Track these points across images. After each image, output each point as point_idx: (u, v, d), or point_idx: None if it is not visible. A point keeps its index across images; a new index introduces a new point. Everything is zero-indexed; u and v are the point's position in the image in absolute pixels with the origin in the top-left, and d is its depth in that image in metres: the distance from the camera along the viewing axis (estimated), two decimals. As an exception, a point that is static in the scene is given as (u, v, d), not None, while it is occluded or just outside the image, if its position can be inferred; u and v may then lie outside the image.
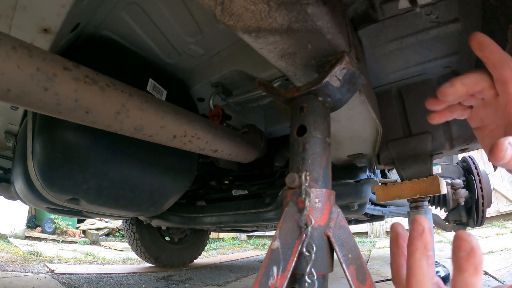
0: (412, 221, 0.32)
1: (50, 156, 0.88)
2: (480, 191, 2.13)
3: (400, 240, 0.35)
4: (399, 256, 0.35)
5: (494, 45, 0.38)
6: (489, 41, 0.39)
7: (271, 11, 0.40)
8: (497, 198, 5.17)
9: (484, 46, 0.39)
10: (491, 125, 0.43)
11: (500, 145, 0.32)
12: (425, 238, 0.30)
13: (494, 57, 0.38)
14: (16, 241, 4.37)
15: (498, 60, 0.38)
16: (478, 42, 0.39)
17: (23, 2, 0.61)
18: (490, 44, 0.38)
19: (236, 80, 1.06)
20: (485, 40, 0.39)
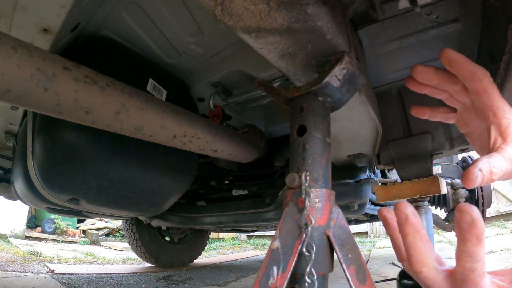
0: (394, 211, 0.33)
1: (50, 156, 0.88)
2: (480, 191, 2.13)
3: (391, 222, 0.37)
4: (397, 237, 0.37)
5: (462, 59, 0.40)
6: (457, 56, 0.40)
7: (271, 11, 0.40)
8: (497, 198, 5.17)
9: (453, 61, 0.40)
10: (477, 130, 0.45)
11: (470, 174, 0.34)
12: (411, 222, 0.32)
13: (464, 71, 0.40)
14: (16, 241, 4.37)
15: (468, 74, 0.40)
16: (447, 58, 0.41)
17: (23, 2, 0.61)
18: (458, 58, 0.40)
19: (236, 80, 1.06)
20: (453, 56, 0.40)
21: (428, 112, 0.52)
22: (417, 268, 0.32)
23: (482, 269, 0.30)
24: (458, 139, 0.90)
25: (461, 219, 0.29)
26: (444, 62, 0.41)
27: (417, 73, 0.44)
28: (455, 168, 2.31)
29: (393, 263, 2.83)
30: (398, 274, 1.27)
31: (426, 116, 0.53)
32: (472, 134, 0.47)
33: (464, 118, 0.47)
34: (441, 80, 0.44)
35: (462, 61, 0.40)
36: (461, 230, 0.29)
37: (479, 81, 0.39)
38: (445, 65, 0.41)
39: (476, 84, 0.40)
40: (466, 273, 0.30)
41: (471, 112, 0.45)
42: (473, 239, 0.29)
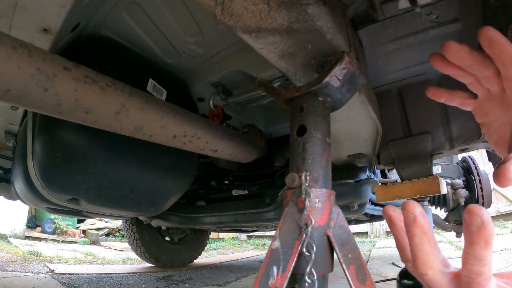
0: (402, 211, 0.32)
1: (50, 156, 0.88)
2: (480, 191, 2.13)
3: (396, 222, 0.35)
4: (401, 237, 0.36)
5: (505, 42, 0.35)
6: (500, 37, 0.35)
7: (271, 11, 0.40)
8: (497, 198, 5.17)
9: (494, 43, 0.35)
10: (497, 121, 0.41)
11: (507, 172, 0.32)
12: (419, 223, 0.31)
13: (504, 55, 0.35)
14: (16, 241, 4.37)
15: (508, 59, 0.35)
16: (488, 38, 0.36)
17: (23, 2, 0.61)
18: (500, 40, 0.35)
19: (236, 80, 1.06)
20: (496, 36, 0.35)
21: (445, 95, 0.47)
22: (423, 270, 0.31)
23: (489, 273, 0.29)
24: (458, 139, 0.90)
25: (470, 221, 0.28)
26: (483, 43, 0.36)
27: (449, 51, 0.38)
28: (455, 168, 2.31)
29: (393, 263, 2.83)
30: (398, 274, 1.27)
31: (443, 99, 0.47)
32: (490, 125, 0.43)
33: (485, 106, 0.43)
34: (474, 61, 0.38)
35: (505, 43, 0.35)
36: (469, 232, 0.28)
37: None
38: (484, 45, 0.36)
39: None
40: (473, 276, 0.29)
41: (496, 101, 0.40)
42: (481, 242, 0.28)
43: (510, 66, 0.35)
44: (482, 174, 2.16)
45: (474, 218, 0.27)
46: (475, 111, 0.46)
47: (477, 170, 2.18)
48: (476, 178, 2.14)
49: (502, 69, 0.37)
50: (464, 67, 0.40)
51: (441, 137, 0.91)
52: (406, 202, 0.32)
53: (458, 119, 0.88)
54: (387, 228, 6.25)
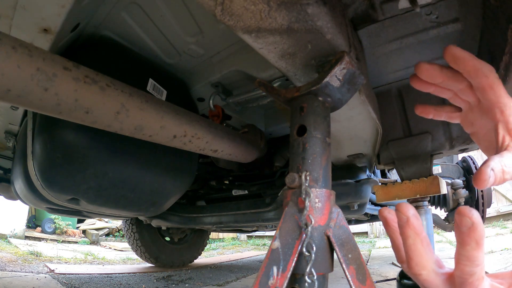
0: (395, 212, 0.33)
1: (50, 156, 0.88)
2: (480, 191, 2.13)
3: (391, 223, 0.36)
4: (397, 238, 0.37)
5: (467, 55, 0.39)
6: (461, 52, 0.39)
7: (271, 11, 0.40)
8: (497, 198, 5.17)
9: (457, 58, 0.39)
10: (483, 129, 0.44)
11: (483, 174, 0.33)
12: (412, 225, 0.31)
13: (469, 67, 0.39)
14: (16, 241, 4.37)
15: (473, 70, 0.39)
16: (451, 54, 0.40)
17: (23, 2, 0.61)
18: (463, 55, 0.39)
19: (236, 80, 1.06)
20: (458, 52, 0.39)
21: (432, 111, 0.51)
22: (416, 271, 0.32)
23: (481, 273, 0.30)
24: (458, 139, 0.90)
25: (460, 223, 0.28)
26: (448, 59, 0.40)
27: (421, 71, 0.43)
28: (455, 168, 2.31)
29: (393, 263, 2.83)
30: (398, 274, 1.27)
31: (431, 115, 0.51)
32: (477, 133, 0.46)
33: (469, 117, 0.46)
34: (446, 78, 0.43)
35: (467, 57, 0.39)
36: (460, 233, 0.29)
37: (484, 77, 0.38)
38: (450, 62, 0.40)
39: (482, 80, 0.38)
40: (465, 276, 0.30)
41: (477, 111, 0.43)
42: (472, 243, 0.29)
43: (476, 76, 0.39)
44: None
45: (464, 219, 0.28)
46: (462, 123, 0.49)
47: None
48: (476, 178, 2.14)
49: (471, 80, 0.40)
50: (438, 83, 0.44)
51: (441, 137, 0.91)
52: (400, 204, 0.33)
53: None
54: (387, 228, 6.25)
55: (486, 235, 4.00)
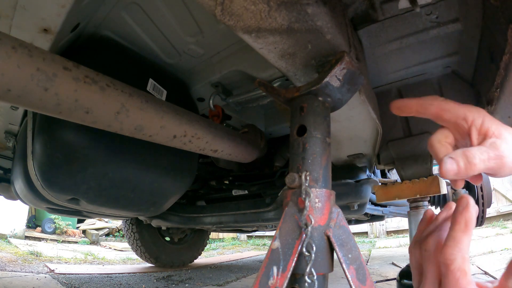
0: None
1: (50, 156, 0.88)
2: (480, 191, 2.13)
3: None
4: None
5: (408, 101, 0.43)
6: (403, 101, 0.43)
7: (271, 11, 0.40)
8: (497, 198, 5.17)
9: (402, 107, 0.43)
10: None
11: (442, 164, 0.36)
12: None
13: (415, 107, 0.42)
14: (16, 241, 4.37)
15: (419, 108, 0.42)
16: (396, 107, 0.44)
17: (23, 2, 0.61)
18: (405, 103, 0.43)
19: (236, 80, 1.06)
20: (400, 103, 0.43)
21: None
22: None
23: (463, 265, 0.31)
24: (458, 139, 0.90)
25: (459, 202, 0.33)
26: (396, 112, 0.44)
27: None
28: (455, 168, 2.30)
29: (393, 263, 2.83)
30: (398, 274, 1.27)
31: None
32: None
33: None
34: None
35: (408, 101, 0.43)
36: (455, 213, 0.33)
37: (431, 106, 0.41)
38: (398, 114, 0.44)
39: (431, 110, 0.41)
40: (447, 262, 0.31)
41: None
42: (462, 222, 0.32)
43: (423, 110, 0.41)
44: (482, 174, 2.16)
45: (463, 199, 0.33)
46: None
47: (477, 170, 2.17)
48: (476, 178, 2.14)
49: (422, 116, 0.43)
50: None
51: (441, 137, 0.91)
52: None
53: None
54: (387, 228, 6.25)
55: (486, 235, 4.00)
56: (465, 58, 0.78)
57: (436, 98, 0.41)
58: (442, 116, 0.40)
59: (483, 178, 1.58)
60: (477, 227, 2.25)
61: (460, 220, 0.32)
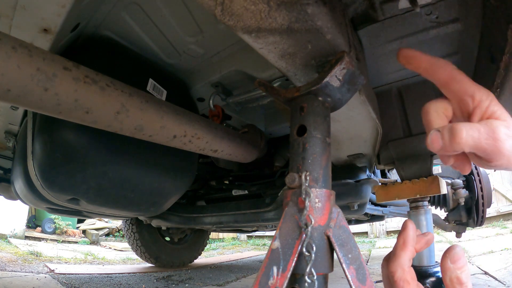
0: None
1: (50, 156, 0.88)
2: (480, 191, 2.13)
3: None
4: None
5: (420, 54, 0.38)
6: (413, 52, 0.39)
7: (271, 11, 0.40)
8: (497, 198, 5.17)
9: (410, 58, 0.39)
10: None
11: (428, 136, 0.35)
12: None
13: (424, 64, 0.38)
14: (16, 241, 4.37)
15: (429, 66, 0.38)
16: (404, 56, 0.40)
17: (23, 2, 0.61)
18: (415, 55, 0.39)
19: (236, 80, 1.06)
20: (410, 52, 0.39)
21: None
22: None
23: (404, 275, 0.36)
24: (458, 139, 0.90)
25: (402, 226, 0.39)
26: (402, 62, 0.40)
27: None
28: (455, 168, 2.30)
29: (393, 263, 2.83)
30: (398, 274, 1.27)
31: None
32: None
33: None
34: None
35: (419, 54, 0.38)
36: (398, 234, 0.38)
37: (442, 69, 0.37)
38: (404, 64, 0.40)
39: (441, 74, 0.37)
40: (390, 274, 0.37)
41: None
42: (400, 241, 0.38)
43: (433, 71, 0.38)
44: (482, 174, 2.16)
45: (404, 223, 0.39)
46: None
47: (477, 170, 2.17)
48: (476, 178, 2.14)
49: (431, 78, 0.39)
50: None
51: (441, 137, 0.91)
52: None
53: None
54: (387, 228, 6.25)
55: (486, 235, 4.00)
56: (465, 58, 0.78)
57: (448, 63, 0.37)
58: (449, 85, 0.37)
59: (483, 178, 1.58)
60: (477, 227, 2.25)
61: (399, 240, 0.38)
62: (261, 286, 0.36)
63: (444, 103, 0.38)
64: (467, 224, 2.26)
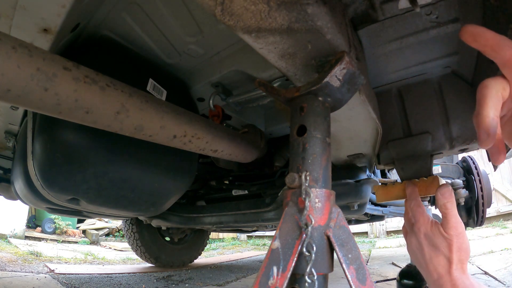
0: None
1: (50, 156, 0.88)
2: (480, 191, 2.13)
3: None
4: None
5: (486, 31, 0.37)
6: (480, 28, 0.37)
7: (271, 11, 0.40)
8: (497, 198, 5.17)
9: (477, 35, 0.37)
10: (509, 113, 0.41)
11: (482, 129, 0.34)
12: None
13: (491, 42, 0.37)
14: (16, 241, 4.37)
15: (496, 44, 0.36)
16: (470, 33, 0.37)
17: (23, 2, 0.61)
18: (482, 31, 0.37)
19: (236, 80, 1.06)
20: (476, 29, 0.37)
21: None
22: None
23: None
24: (458, 139, 0.90)
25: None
26: (468, 39, 0.38)
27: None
28: (455, 168, 2.31)
29: (393, 263, 2.83)
30: (398, 274, 1.27)
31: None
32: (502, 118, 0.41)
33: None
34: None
35: (486, 31, 0.37)
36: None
37: (508, 48, 0.35)
38: (469, 41, 0.38)
39: (506, 52, 0.36)
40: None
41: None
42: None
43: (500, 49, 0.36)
44: (482, 174, 2.16)
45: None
46: None
47: (477, 170, 2.18)
48: (476, 178, 2.14)
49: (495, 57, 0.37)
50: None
51: (441, 137, 0.91)
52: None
53: (458, 119, 0.88)
54: (387, 228, 6.25)
55: (486, 235, 4.00)
56: (465, 58, 0.78)
57: None
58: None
59: (483, 178, 1.59)
60: (477, 227, 2.25)
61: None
62: (261, 286, 0.36)
63: (504, 82, 0.37)
64: (467, 224, 2.26)
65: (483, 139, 0.36)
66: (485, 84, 0.37)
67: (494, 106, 0.35)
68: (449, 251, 0.59)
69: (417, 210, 0.71)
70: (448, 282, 0.57)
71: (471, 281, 0.56)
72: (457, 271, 0.57)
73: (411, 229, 0.71)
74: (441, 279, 0.58)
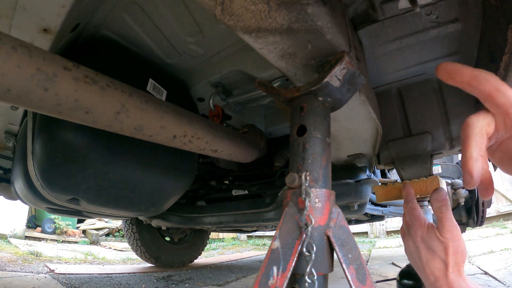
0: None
1: (50, 156, 0.88)
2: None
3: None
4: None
5: (462, 67, 0.37)
6: (455, 66, 0.37)
7: (271, 11, 0.40)
8: (497, 198, 5.17)
9: (452, 72, 0.37)
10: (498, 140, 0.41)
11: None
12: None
13: (468, 78, 0.36)
14: (16, 241, 4.37)
15: (473, 79, 0.36)
16: (445, 70, 0.38)
17: (23, 2, 0.61)
18: (457, 68, 0.37)
19: (236, 80, 1.06)
20: (451, 66, 0.37)
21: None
22: None
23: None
24: (458, 139, 0.90)
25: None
26: (443, 77, 0.38)
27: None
28: (455, 168, 2.31)
29: (393, 263, 2.83)
30: (398, 274, 1.27)
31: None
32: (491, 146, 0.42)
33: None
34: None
35: (461, 67, 0.37)
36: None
37: (486, 81, 0.35)
38: (445, 79, 0.38)
39: (485, 86, 0.35)
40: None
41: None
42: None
43: (477, 84, 0.36)
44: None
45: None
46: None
47: (477, 170, 2.17)
48: (476, 178, 2.14)
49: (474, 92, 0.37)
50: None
51: (441, 137, 0.91)
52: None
53: (458, 119, 0.88)
54: (387, 228, 6.25)
55: (486, 235, 4.00)
56: (465, 58, 0.78)
57: (492, 75, 0.36)
58: (494, 98, 0.35)
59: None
60: (477, 227, 2.25)
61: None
62: (261, 286, 0.36)
63: (488, 118, 0.37)
64: (467, 224, 2.26)
65: (467, 181, 0.36)
66: (468, 123, 0.37)
67: (478, 145, 0.35)
68: (445, 254, 0.60)
69: (413, 213, 0.72)
70: (445, 285, 0.58)
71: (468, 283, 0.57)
72: (453, 274, 0.58)
73: (408, 232, 0.72)
74: (438, 282, 0.59)
